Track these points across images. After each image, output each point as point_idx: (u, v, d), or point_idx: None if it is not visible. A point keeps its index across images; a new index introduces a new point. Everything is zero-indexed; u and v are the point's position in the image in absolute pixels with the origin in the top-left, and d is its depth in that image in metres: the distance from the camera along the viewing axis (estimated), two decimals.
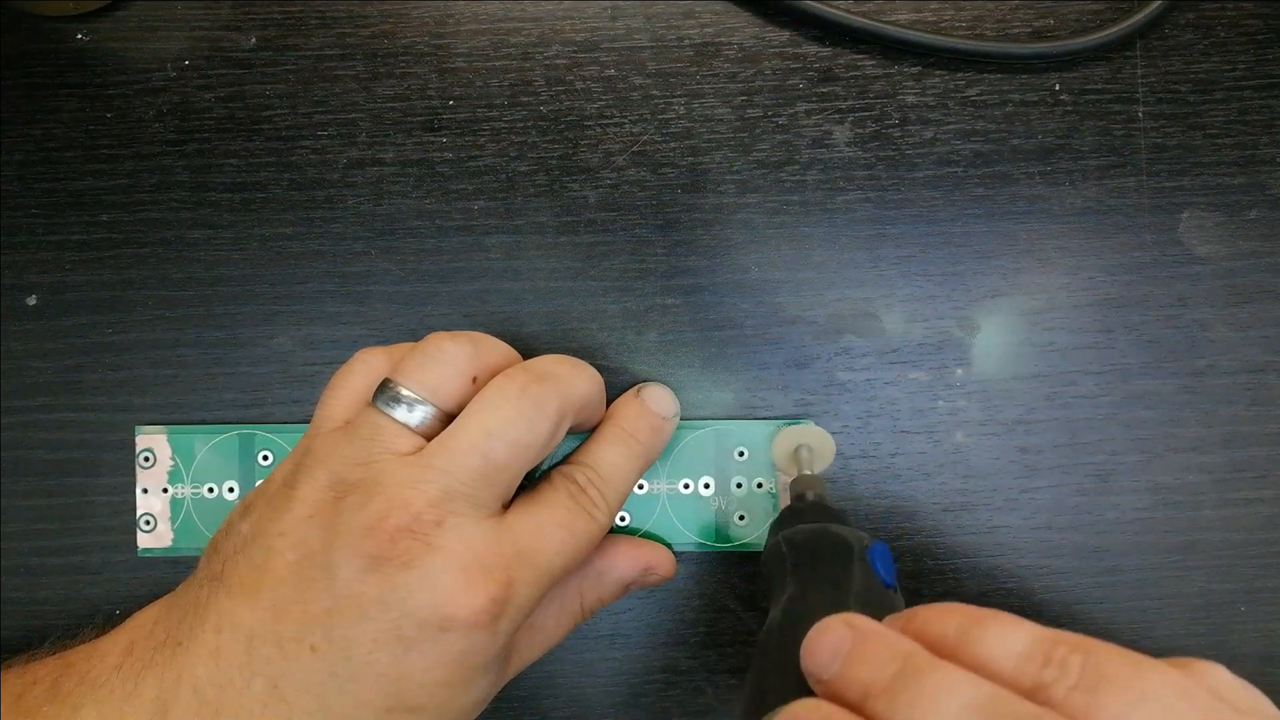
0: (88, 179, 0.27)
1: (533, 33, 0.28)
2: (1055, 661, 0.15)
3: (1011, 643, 0.15)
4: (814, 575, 0.22)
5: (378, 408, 0.21)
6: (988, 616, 0.16)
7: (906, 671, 0.15)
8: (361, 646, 0.19)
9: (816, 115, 0.28)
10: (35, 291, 0.27)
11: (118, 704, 0.20)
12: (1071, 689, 0.14)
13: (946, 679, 0.15)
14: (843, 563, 0.21)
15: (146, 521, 0.27)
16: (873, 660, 0.16)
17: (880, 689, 0.15)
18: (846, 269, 0.27)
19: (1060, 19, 0.28)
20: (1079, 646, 0.15)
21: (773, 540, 0.24)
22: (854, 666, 0.16)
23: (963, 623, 0.16)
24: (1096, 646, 0.15)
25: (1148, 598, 0.28)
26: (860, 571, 0.21)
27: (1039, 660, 0.15)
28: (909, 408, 0.27)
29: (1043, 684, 0.15)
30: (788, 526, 0.23)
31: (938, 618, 0.17)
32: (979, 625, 0.16)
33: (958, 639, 0.16)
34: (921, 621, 0.17)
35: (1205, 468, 0.28)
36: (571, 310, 0.27)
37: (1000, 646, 0.15)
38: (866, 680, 0.16)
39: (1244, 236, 0.28)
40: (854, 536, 0.22)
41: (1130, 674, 0.14)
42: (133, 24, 0.28)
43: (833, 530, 0.23)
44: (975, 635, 0.16)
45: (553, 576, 0.22)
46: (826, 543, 0.22)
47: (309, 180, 0.27)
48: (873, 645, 0.16)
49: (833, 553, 0.22)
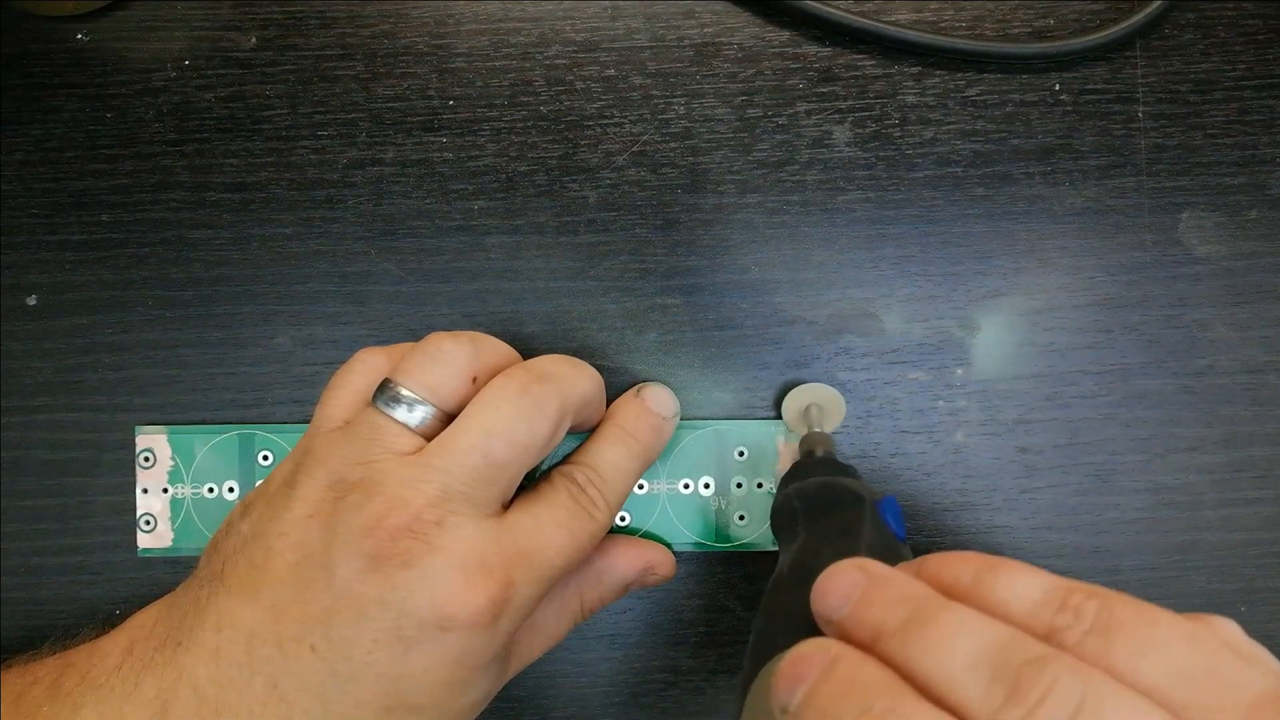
0: (88, 179, 0.27)
1: (533, 33, 0.28)
2: (1070, 608, 0.15)
3: (1026, 588, 0.15)
4: (825, 525, 0.21)
5: (378, 408, 0.21)
6: (1002, 563, 0.16)
7: (919, 613, 0.15)
8: (361, 646, 0.19)
9: (816, 115, 0.28)
10: (35, 291, 0.27)
11: (118, 703, 0.20)
12: (1085, 634, 0.14)
13: (960, 620, 0.15)
14: (853, 513, 0.21)
15: (146, 521, 0.27)
16: (885, 602, 0.16)
17: (892, 630, 0.15)
18: (846, 269, 0.27)
19: (1060, 19, 0.28)
20: (1094, 594, 0.15)
21: (782, 494, 0.23)
22: (866, 608, 0.16)
23: (977, 568, 0.16)
24: (1111, 595, 0.15)
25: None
26: (871, 522, 0.21)
27: (1054, 606, 0.15)
28: (909, 408, 0.27)
29: (1056, 629, 0.15)
30: (796, 480, 0.23)
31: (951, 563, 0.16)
32: (993, 571, 0.16)
33: (972, 584, 0.16)
34: (935, 567, 0.17)
35: (1205, 468, 0.28)
36: (571, 310, 0.27)
37: (1015, 592, 0.15)
38: (878, 621, 0.15)
39: (1244, 236, 0.28)
40: (865, 489, 0.22)
41: (1142, 621, 0.14)
42: (133, 24, 0.28)
43: (843, 482, 0.22)
44: (989, 581, 0.16)
45: (553, 576, 0.22)
46: (837, 494, 0.22)
47: (309, 180, 0.27)
48: (885, 588, 0.16)
49: (844, 504, 0.22)
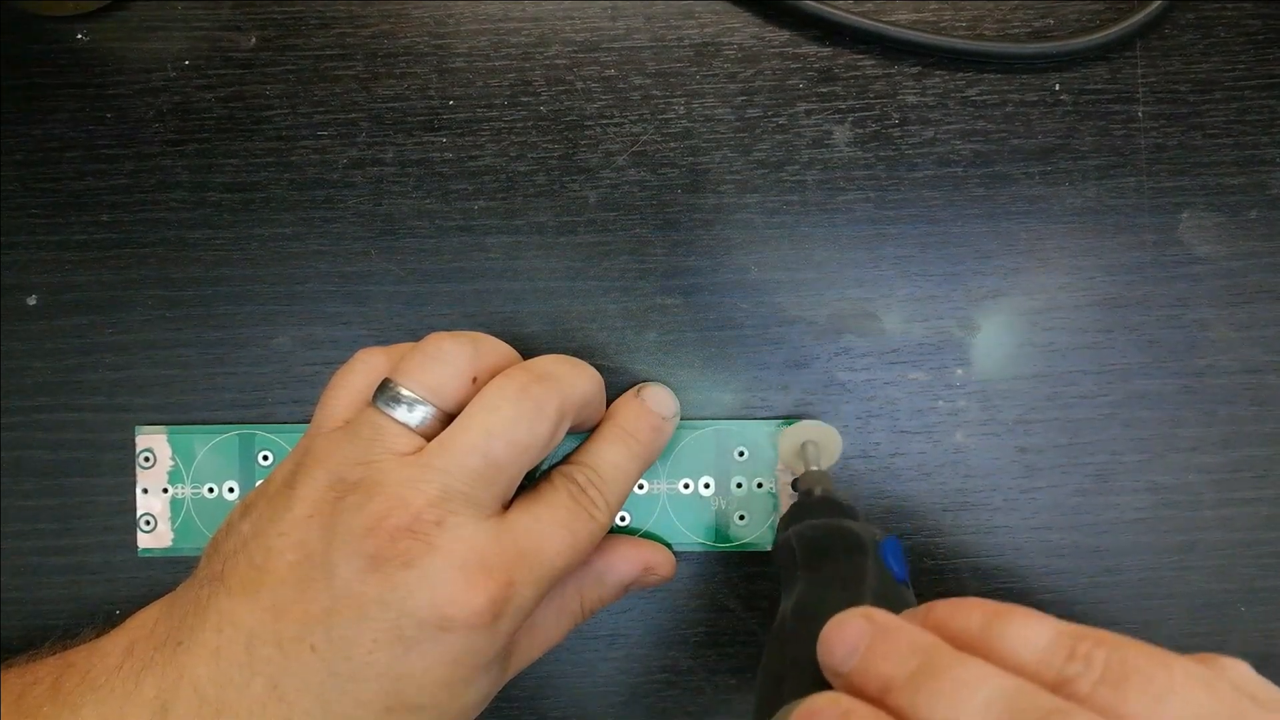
0: (88, 179, 0.27)
1: (533, 33, 0.28)
2: (1079, 656, 0.15)
3: (1034, 637, 0.15)
4: (827, 571, 0.21)
5: (378, 408, 0.21)
6: (1009, 611, 0.16)
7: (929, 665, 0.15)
8: (361, 646, 0.19)
9: (816, 115, 0.28)
10: (35, 291, 0.27)
11: (118, 703, 0.20)
12: (1096, 684, 0.14)
13: (970, 672, 0.15)
14: (856, 558, 0.21)
15: (147, 521, 0.27)
16: (894, 654, 0.16)
17: (902, 683, 0.15)
18: (846, 269, 0.27)
19: (1060, 19, 0.28)
20: (1103, 641, 0.15)
21: (782, 536, 0.23)
22: (874, 660, 0.16)
23: (984, 617, 0.16)
24: (1121, 641, 0.15)
25: (1148, 598, 0.28)
26: (873, 567, 0.21)
27: (1063, 655, 0.15)
28: (909, 408, 0.27)
29: (1067, 678, 0.15)
30: (796, 522, 0.23)
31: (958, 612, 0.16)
32: (1000, 620, 0.16)
33: (979, 633, 0.16)
34: (941, 616, 0.17)
35: (1205, 468, 0.28)
36: (571, 310, 0.27)
37: (1023, 641, 0.15)
38: (888, 674, 0.15)
39: (1244, 236, 0.28)
40: (865, 531, 0.22)
41: (1155, 669, 0.14)
42: (133, 24, 0.28)
43: (844, 525, 0.22)
44: (997, 630, 0.16)
45: (553, 576, 0.22)
46: (838, 538, 0.22)
47: (309, 180, 0.27)
48: (893, 639, 0.16)
49: (845, 548, 0.22)
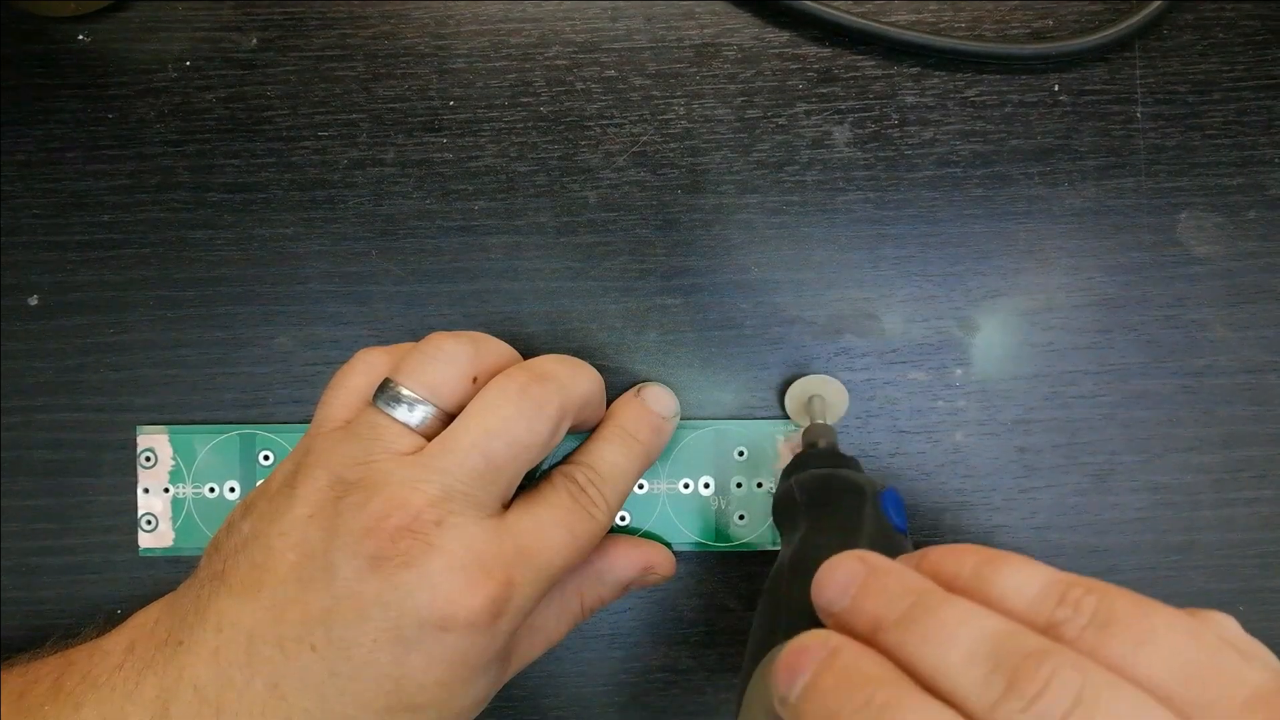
0: (89, 179, 0.27)
1: (533, 33, 0.28)
2: (1069, 601, 0.15)
3: (1026, 582, 0.15)
4: (826, 517, 0.21)
5: (378, 407, 0.21)
6: (1002, 557, 0.16)
7: (919, 605, 0.15)
8: (361, 646, 0.19)
9: (816, 115, 0.28)
10: (36, 291, 0.27)
11: (119, 703, 0.20)
12: (1084, 627, 0.14)
13: (960, 612, 0.15)
14: (855, 505, 0.21)
15: (148, 521, 0.27)
16: (885, 594, 0.16)
17: (892, 621, 0.15)
18: (846, 269, 0.27)
19: (1060, 19, 0.28)
20: (1093, 589, 0.15)
21: (784, 485, 0.23)
22: (866, 600, 0.16)
23: (977, 562, 0.16)
24: (1110, 589, 0.15)
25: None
26: (872, 514, 0.21)
27: (1053, 600, 0.15)
28: (909, 408, 0.27)
29: (1055, 622, 0.15)
30: (799, 472, 0.23)
31: (951, 557, 0.16)
32: (993, 565, 0.16)
33: (971, 577, 0.16)
34: (935, 560, 0.17)
35: (1204, 468, 0.28)
36: (571, 310, 0.27)
37: (1014, 586, 0.15)
38: (878, 613, 0.16)
39: (1243, 237, 0.28)
40: (866, 481, 0.22)
41: (1141, 615, 0.14)
42: (134, 25, 0.28)
43: (845, 474, 0.22)
44: (989, 574, 0.16)
45: (552, 576, 0.22)
46: (839, 486, 0.22)
47: (310, 180, 0.27)
48: (886, 579, 0.16)
49: (845, 495, 0.22)
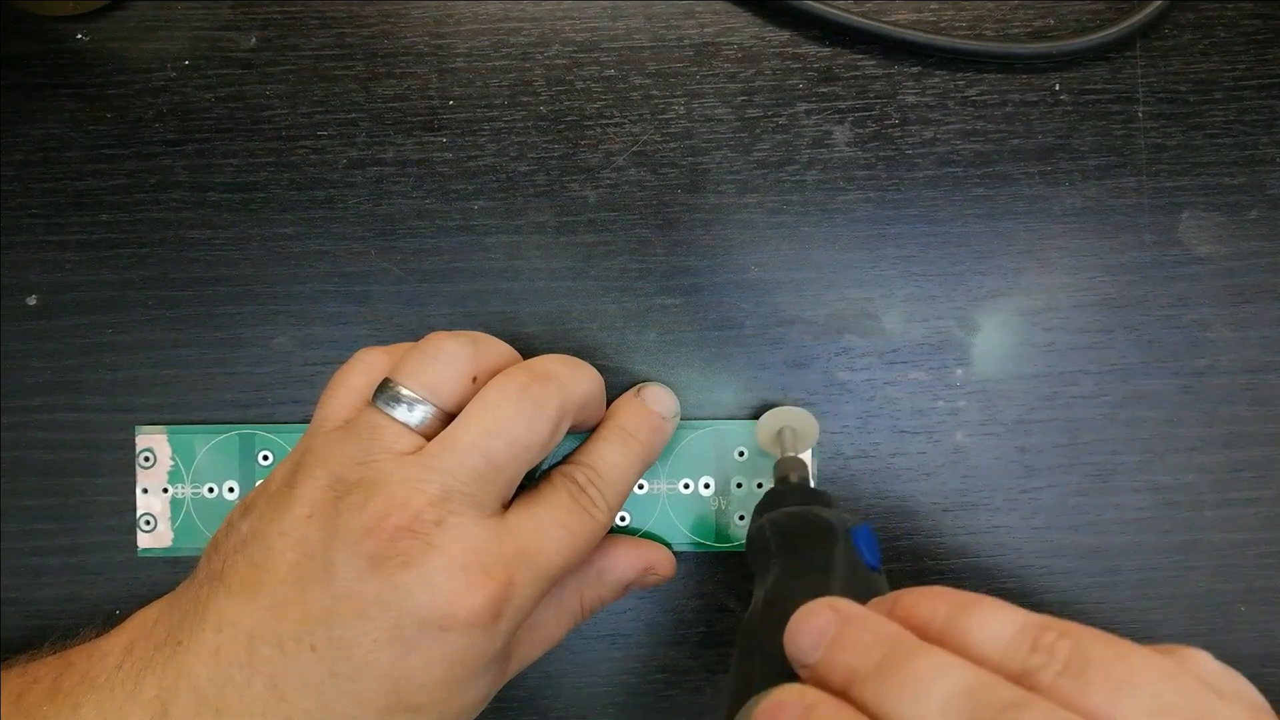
0: (88, 179, 0.27)
1: (533, 33, 0.28)
2: (1042, 647, 0.15)
3: (999, 628, 0.15)
4: (797, 558, 0.21)
5: (378, 407, 0.21)
6: (974, 601, 0.16)
7: (892, 656, 0.15)
8: (361, 646, 0.19)
9: (816, 115, 0.28)
10: (35, 291, 0.27)
11: (118, 703, 0.20)
12: (1058, 675, 0.14)
13: (933, 664, 0.15)
14: (826, 545, 0.21)
15: (146, 521, 0.27)
16: (858, 645, 0.16)
17: (866, 674, 0.15)
18: (846, 269, 0.27)
19: (1060, 19, 0.28)
20: (1066, 632, 0.15)
21: (756, 524, 0.23)
22: (839, 652, 0.16)
23: (950, 608, 0.16)
24: (1083, 632, 0.15)
25: (1148, 598, 0.28)
26: (844, 554, 0.21)
27: (1026, 646, 0.15)
28: (909, 408, 0.27)
29: (1029, 670, 0.15)
30: (771, 509, 0.23)
31: (924, 601, 0.16)
32: (965, 610, 0.16)
33: (945, 624, 0.16)
34: (908, 605, 0.17)
35: (1205, 468, 0.28)
36: (571, 310, 0.27)
37: (987, 632, 0.15)
38: (852, 665, 0.15)
39: (1244, 236, 0.28)
40: (837, 518, 0.22)
41: (1116, 659, 0.14)
42: (133, 24, 0.28)
43: (816, 513, 0.22)
44: (962, 621, 0.16)
45: (552, 576, 0.22)
46: (810, 525, 0.22)
47: (309, 180, 0.27)
48: (858, 630, 0.16)
49: (816, 535, 0.22)
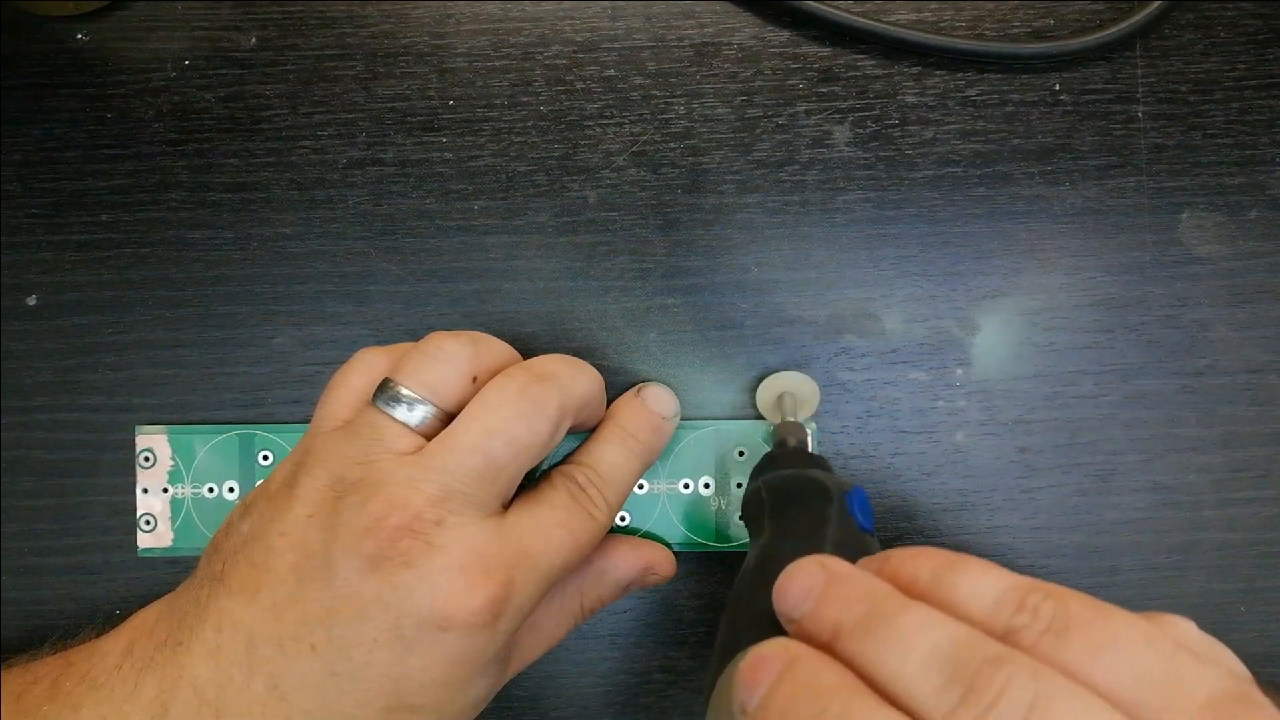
0: (88, 179, 0.27)
1: (533, 33, 0.28)
2: (1027, 608, 0.15)
3: (985, 588, 0.15)
4: (790, 519, 0.21)
5: (378, 407, 0.21)
6: (961, 561, 0.16)
7: (877, 611, 0.15)
8: (361, 646, 0.19)
9: (816, 115, 0.28)
10: (35, 291, 0.27)
11: (118, 703, 0.20)
12: (1041, 634, 0.14)
13: (917, 619, 0.15)
14: (820, 507, 0.21)
15: (147, 521, 0.27)
16: (844, 600, 0.16)
17: (850, 628, 0.15)
18: (846, 269, 0.27)
19: (1060, 19, 0.28)
20: (1051, 594, 0.15)
21: (752, 486, 0.23)
22: (825, 606, 0.16)
23: (937, 566, 0.16)
24: (1068, 594, 0.15)
25: (1148, 598, 0.28)
26: (837, 516, 0.21)
27: (1011, 606, 0.15)
28: (909, 408, 0.27)
29: (1013, 629, 0.15)
30: (768, 472, 0.23)
31: (911, 560, 0.16)
32: (953, 570, 0.16)
33: (931, 582, 0.16)
34: (895, 564, 0.17)
35: (1205, 468, 0.28)
36: (571, 310, 0.27)
37: (973, 591, 0.15)
38: (837, 620, 0.16)
39: (1244, 236, 0.28)
40: (832, 481, 0.22)
41: (1098, 621, 0.14)
42: (133, 24, 0.28)
43: (811, 475, 0.22)
44: (949, 579, 0.16)
45: (552, 576, 0.22)
46: (804, 487, 0.22)
47: (309, 180, 0.27)
48: (845, 586, 0.16)
49: (810, 497, 0.22)
